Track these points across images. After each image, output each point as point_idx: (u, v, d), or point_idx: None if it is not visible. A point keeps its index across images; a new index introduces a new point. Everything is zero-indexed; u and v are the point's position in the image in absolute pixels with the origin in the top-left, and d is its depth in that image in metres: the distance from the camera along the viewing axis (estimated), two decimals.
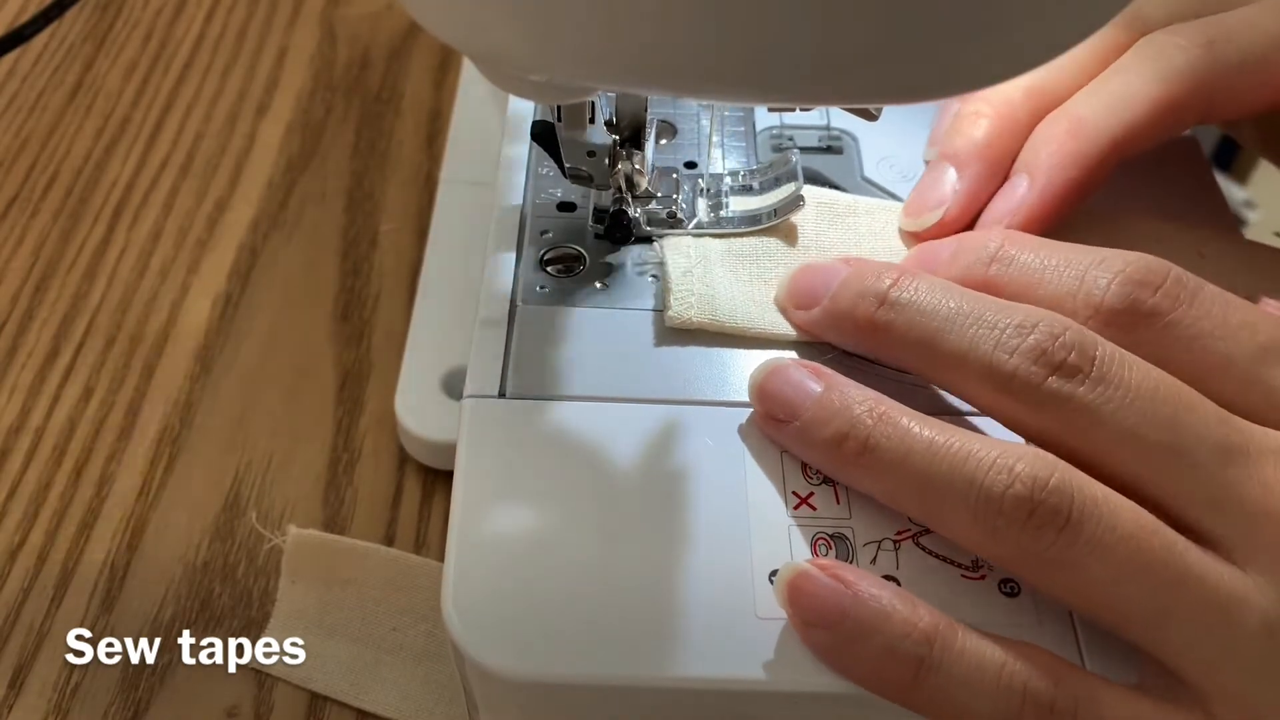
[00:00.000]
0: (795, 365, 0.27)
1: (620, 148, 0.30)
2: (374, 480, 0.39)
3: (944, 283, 0.26)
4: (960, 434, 0.24)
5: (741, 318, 0.30)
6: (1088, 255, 0.26)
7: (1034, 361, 0.24)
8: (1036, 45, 0.21)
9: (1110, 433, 0.24)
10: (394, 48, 0.54)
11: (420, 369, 0.39)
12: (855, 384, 0.26)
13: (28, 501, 0.38)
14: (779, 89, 0.21)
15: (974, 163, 0.30)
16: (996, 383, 0.25)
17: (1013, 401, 0.25)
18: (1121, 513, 0.23)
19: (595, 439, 0.27)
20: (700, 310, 0.29)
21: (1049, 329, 0.24)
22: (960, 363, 0.25)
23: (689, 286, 0.30)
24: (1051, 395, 0.24)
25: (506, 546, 0.25)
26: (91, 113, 0.51)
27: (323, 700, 0.34)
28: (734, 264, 0.31)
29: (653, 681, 0.24)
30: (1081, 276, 0.26)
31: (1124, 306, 0.25)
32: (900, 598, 0.24)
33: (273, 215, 0.47)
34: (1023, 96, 0.31)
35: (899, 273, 0.27)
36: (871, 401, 0.25)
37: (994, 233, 0.28)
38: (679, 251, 0.31)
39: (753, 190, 0.32)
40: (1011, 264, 0.27)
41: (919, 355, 0.26)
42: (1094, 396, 0.24)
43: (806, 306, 0.29)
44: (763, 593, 0.25)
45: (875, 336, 0.27)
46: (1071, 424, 0.24)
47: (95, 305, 0.44)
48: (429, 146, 0.50)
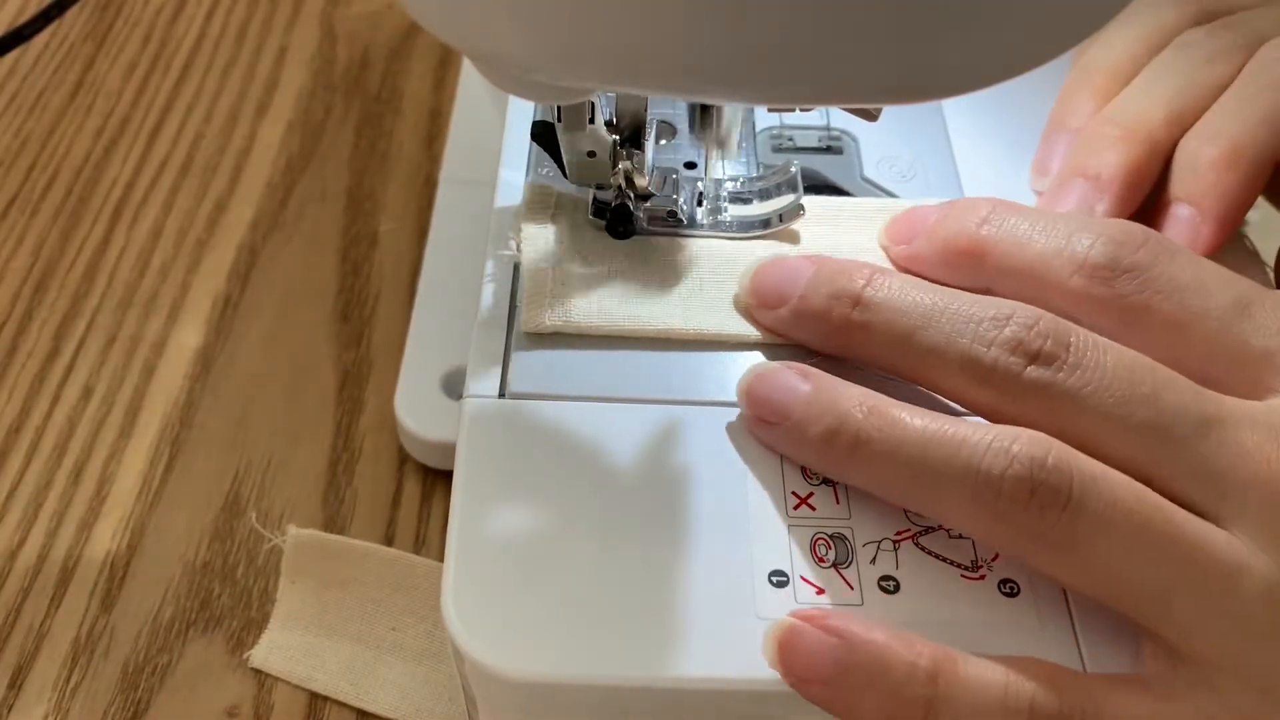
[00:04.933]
0: (783, 367, 0.27)
1: (620, 148, 0.30)
2: (374, 480, 0.39)
3: (915, 280, 0.27)
4: (952, 421, 0.24)
5: (621, 317, 0.29)
6: (1073, 219, 0.27)
7: (1012, 352, 0.24)
8: (1037, 44, 0.21)
9: (1092, 416, 0.24)
10: (394, 48, 0.54)
11: (420, 369, 0.39)
12: (843, 381, 0.26)
13: (28, 501, 0.38)
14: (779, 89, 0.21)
15: (1116, 187, 0.30)
16: (977, 375, 0.25)
17: (994, 393, 0.25)
18: (1120, 488, 0.23)
19: (595, 439, 0.27)
20: (555, 314, 0.29)
21: (1024, 319, 0.25)
22: (939, 358, 0.25)
23: (543, 289, 0.30)
24: (1031, 384, 0.24)
25: (506, 546, 0.25)
26: (91, 113, 0.51)
27: (323, 700, 0.34)
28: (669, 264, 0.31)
29: (653, 681, 0.24)
30: (1068, 236, 0.27)
31: (1106, 262, 0.26)
32: (897, 639, 0.23)
33: (272, 215, 0.47)
34: (1163, 124, 0.31)
35: (871, 271, 0.27)
36: (860, 396, 0.25)
37: (984, 199, 0.29)
38: (536, 249, 0.31)
39: (750, 201, 0.32)
40: (1001, 225, 0.27)
41: (896, 354, 0.26)
42: (1073, 381, 0.24)
43: (773, 306, 0.28)
44: (763, 593, 0.25)
45: (851, 337, 0.27)
46: (1054, 411, 0.24)
47: (95, 305, 0.44)
48: (429, 146, 0.50)
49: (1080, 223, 0.27)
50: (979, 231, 0.28)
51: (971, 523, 0.24)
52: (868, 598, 0.25)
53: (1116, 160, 0.30)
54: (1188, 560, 0.23)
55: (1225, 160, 0.29)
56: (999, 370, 0.24)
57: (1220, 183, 0.29)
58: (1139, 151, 0.30)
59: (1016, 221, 0.27)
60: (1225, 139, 0.30)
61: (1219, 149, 0.30)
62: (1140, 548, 0.23)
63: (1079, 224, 0.27)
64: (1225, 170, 0.29)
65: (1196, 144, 0.30)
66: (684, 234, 0.31)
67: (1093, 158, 0.31)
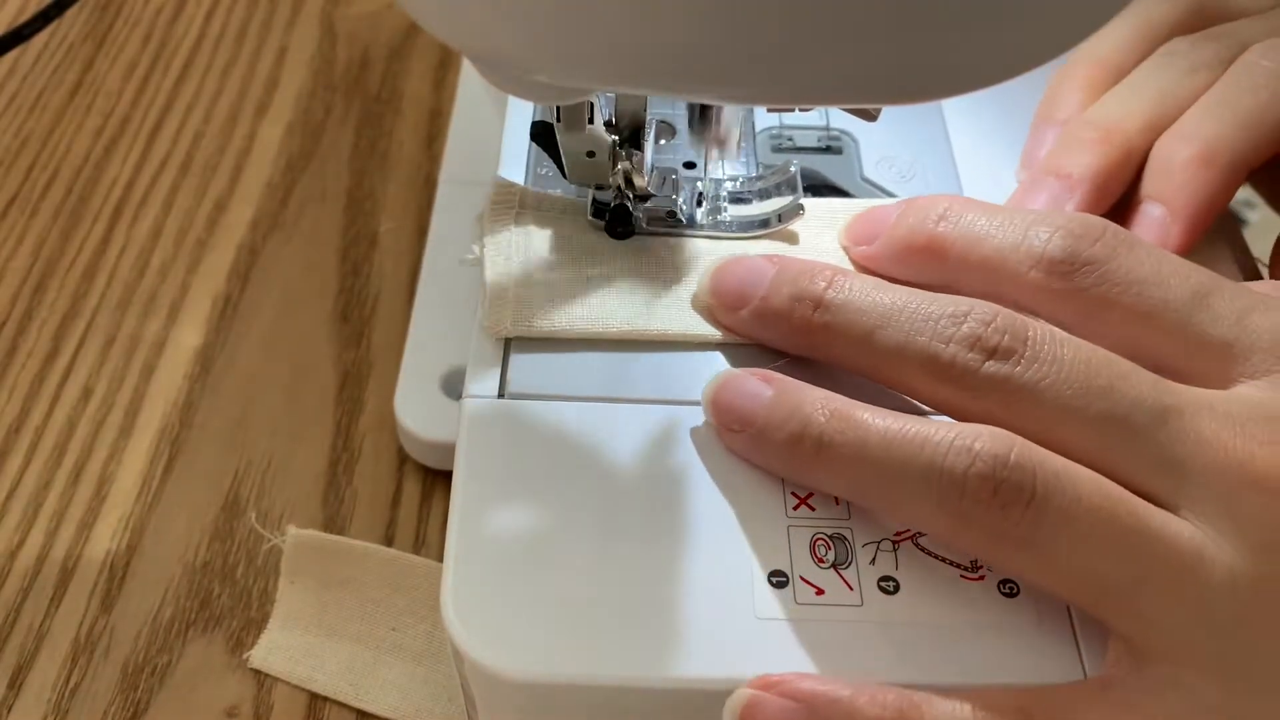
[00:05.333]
0: (745, 374, 0.27)
1: (619, 148, 0.30)
2: (373, 480, 0.39)
3: (875, 280, 0.27)
4: (915, 420, 0.24)
5: (584, 319, 0.29)
6: (1030, 213, 0.27)
7: (970, 348, 0.25)
8: (1037, 44, 0.21)
9: (1051, 409, 0.24)
10: (394, 48, 0.54)
11: (420, 369, 0.39)
12: (806, 385, 0.26)
13: (27, 501, 0.38)
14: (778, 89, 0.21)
15: (1086, 187, 0.30)
16: (936, 373, 0.25)
17: (954, 390, 0.25)
18: (1084, 482, 0.23)
19: (595, 439, 0.27)
20: (517, 318, 0.29)
21: (981, 316, 0.25)
22: (899, 357, 0.25)
23: (505, 292, 0.29)
24: (989, 378, 0.24)
25: (506, 547, 0.25)
26: (91, 112, 0.51)
27: (322, 700, 0.34)
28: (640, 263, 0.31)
29: (652, 682, 0.24)
30: (1024, 231, 0.27)
31: (1063, 256, 0.26)
32: (860, 693, 0.23)
33: (272, 215, 0.47)
34: (1140, 130, 0.31)
35: (832, 273, 0.27)
36: (823, 399, 0.25)
37: (942, 196, 0.29)
38: (499, 252, 0.30)
39: (749, 201, 0.32)
40: (958, 222, 0.28)
41: (858, 353, 0.26)
42: (1030, 374, 0.24)
43: (735, 307, 0.28)
44: (762, 593, 0.25)
45: (813, 338, 0.27)
46: (1013, 406, 0.24)
47: (95, 305, 0.44)
48: (429, 146, 0.50)
49: (1039, 216, 0.27)
50: (936, 229, 0.28)
51: (937, 524, 0.24)
52: (867, 598, 0.25)
53: (1089, 162, 0.31)
54: (1152, 552, 0.23)
55: (1199, 160, 0.29)
56: (957, 366, 0.25)
57: (1192, 182, 0.29)
58: (1113, 155, 0.31)
59: (974, 217, 0.27)
60: (1200, 140, 0.30)
61: (1194, 149, 0.30)
62: (1104, 542, 0.23)
63: (1037, 217, 0.27)
64: (1198, 170, 0.29)
65: (1171, 144, 0.30)
66: (683, 234, 0.31)
67: (1066, 158, 0.31)
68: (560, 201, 0.32)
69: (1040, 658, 0.25)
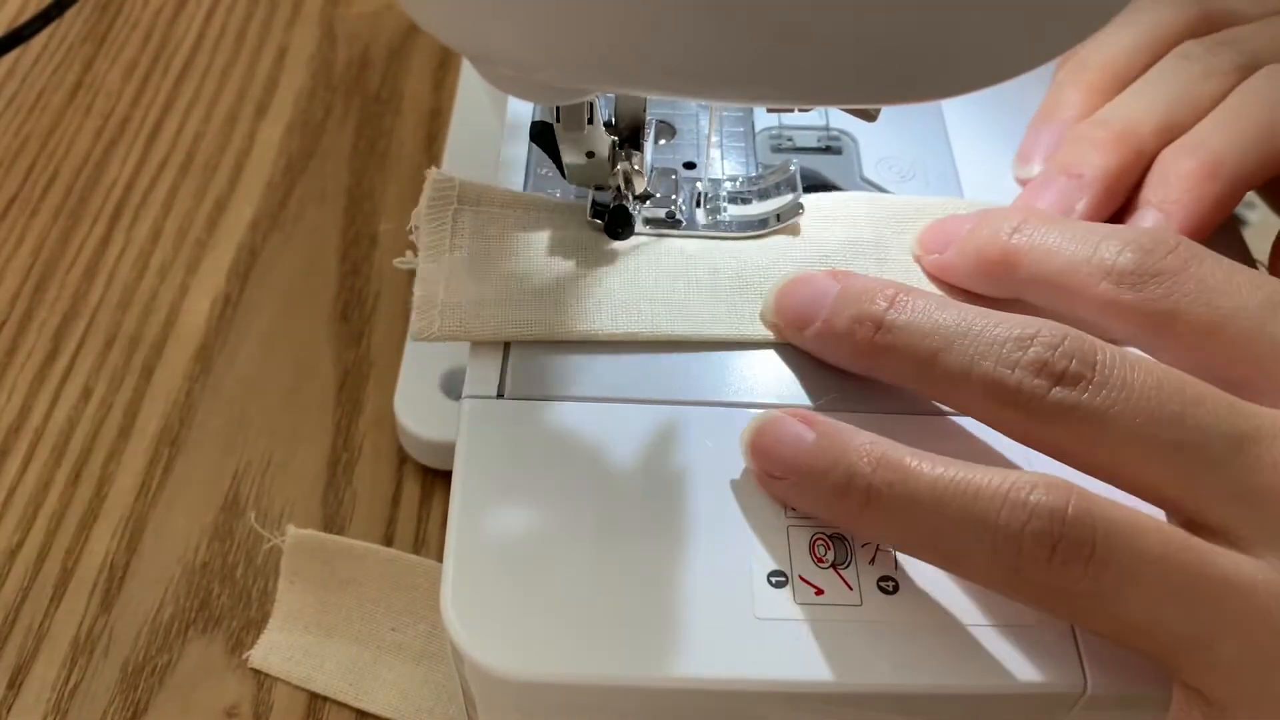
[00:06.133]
0: (786, 417, 0.26)
1: (619, 148, 0.30)
2: (373, 480, 0.39)
3: (940, 298, 0.26)
4: (965, 468, 0.23)
5: (515, 322, 0.28)
6: (1103, 228, 0.27)
7: (1037, 374, 0.24)
8: (1037, 44, 0.20)
9: (1120, 437, 0.23)
10: (394, 48, 0.54)
11: (420, 369, 0.39)
12: (850, 429, 0.25)
13: (27, 501, 0.38)
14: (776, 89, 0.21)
15: (1097, 188, 0.30)
16: (1001, 399, 0.24)
17: (1020, 416, 0.24)
18: (1147, 533, 0.22)
19: (595, 439, 0.27)
20: (445, 324, 0.28)
21: (1048, 339, 0.24)
22: (963, 381, 0.25)
23: (434, 295, 0.29)
24: (1057, 406, 0.23)
25: (505, 547, 0.25)
26: (91, 113, 0.51)
27: (322, 700, 0.34)
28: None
29: (652, 682, 0.24)
30: (1096, 245, 0.26)
31: (1133, 268, 0.26)
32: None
33: (273, 215, 0.47)
34: (1152, 134, 0.31)
35: (895, 292, 0.26)
36: (868, 446, 0.24)
37: (1017, 208, 0.29)
38: (433, 254, 0.30)
39: (749, 201, 0.32)
40: (1032, 235, 0.27)
41: (920, 376, 0.26)
42: (1099, 401, 0.23)
43: (799, 327, 0.28)
44: (762, 593, 0.25)
45: (875, 360, 0.26)
46: (1081, 433, 0.23)
47: (95, 305, 0.44)
48: (429, 146, 0.50)
49: (1111, 231, 0.27)
50: (1010, 241, 0.28)
51: (993, 579, 0.24)
52: (867, 598, 0.25)
53: (1101, 162, 0.30)
54: (1223, 602, 0.22)
55: (1202, 172, 0.29)
56: (1024, 393, 0.24)
57: (1194, 192, 0.29)
58: (1124, 156, 0.30)
59: (1047, 231, 0.27)
60: (1206, 151, 0.30)
61: (1198, 160, 0.30)
62: (1172, 594, 0.22)
63: (1109, 232, 0.27)
64: (1201, 181, 0.29)
65: (1177, 154, 0.30)
66: (682, 235, 0.31)
67: (1079, 157, 0.31)
68: (506, 196, 0.31)
69: (1040, 658, 0.24)
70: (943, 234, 0.30)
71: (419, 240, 0.30)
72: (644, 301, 0.29)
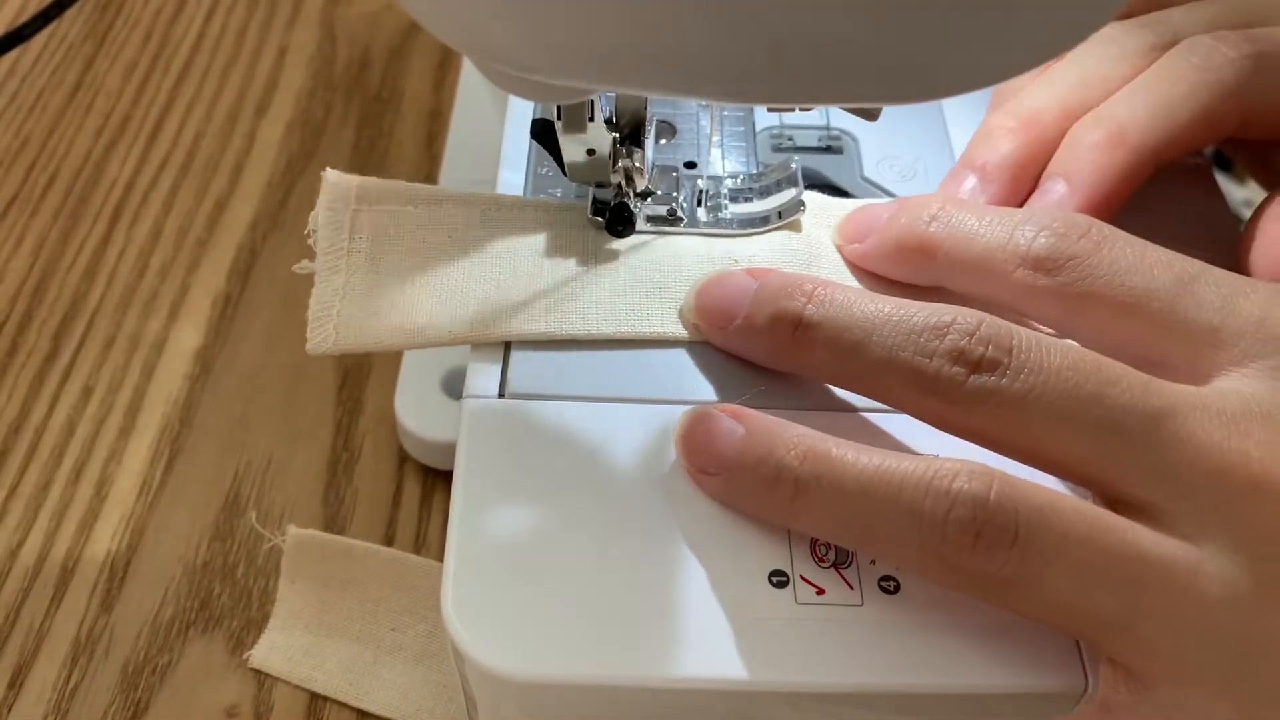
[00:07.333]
0: (716, 412, 0.26)
1: (620, 145, 0.30)
2: (374, 480, 0.39)
3: (857, 291, 0.26)
4: (891, 457, 0.24)
5: (411, 329, 0.28)
6: (1018, 213, 0.27)
7: (954, 362, 0.24)
8: (1037, 44, 0.20)
9: (1041, 420, 0.23)
10: (394, 48, 0.54)
11: (420, 369, 0.39)
12: (779, 422, 0.25)
13: (27, 501, 0.38)
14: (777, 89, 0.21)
15: (1000, 177, 0.30)
16: (921, 388, 0.24)
17: (940, 404, 0.24)
18: (1069, 515, 0.23)
19: (595, 439, 0.27)
20: (341, 336, 0.28)
21: (964, 326, 0.24)
22: (883, 373, 0.25)
23: (328, 309, 0.28)
24: (975, 393, 0.24)
25: (506, 546, 0.25)
26: (91, 112, 0.51)
27: (322, 700, 0.34)
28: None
29: (652, 682, 0.24)
30: (1011, 231, 0.26)
31: (1047, 253, 0.26)
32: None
33: (272, 215, 0.47)
34: (1055, 117, 0.31)
35: (812, 287, 0.26)
36: (795, 439, 0.24)
37: (934, 196, 0.29)
38: (333, 269, 0.29)
39: (750, 199, 0.32)
40: (949, 222, 0.27)
41: (841, 370, 0.26)
42: (1017, 386, 0.23)
43: (720, 326, 0.28)
44: (762, 593, 0.25)
45: (795, 356, 0.27)
46: (1000, 418, 0.24)
47: (95, 305, 0.44)
48: (429, 146, 0.50)
49: (1026, 216, 0.27)
50: (928, 229, 0.28)
51: (925, 570, 0.24)
52: (868, 598, 0.25)
53: (1005, 151, 0.31)
54: (1146, 578, 0.23)
55: (1107, 141, 0.29)
56: (942, 381, 0.24)
57: (1097, 161, 0.29)
58: (1028, 143, 0.31)
59: (964, 218, 0.27)
60: (1112, 121, 0.30)
61: (1104, 130, 0.30)
62: (1095, 574, 0.22)
63: (1024, 217, 0.27)
64: (1105, 150, 0.29)
65: (1085, 125, 0.30)
66: (684, 232, 0.31)
67: (985, 148, 0.31)
68: (408, 192, 0.30)
69: (1041, 657, 0.24)
70: (862, 223, 0.30)
71: (316, 245, 0.29)
72: (569, 301, 0.29)
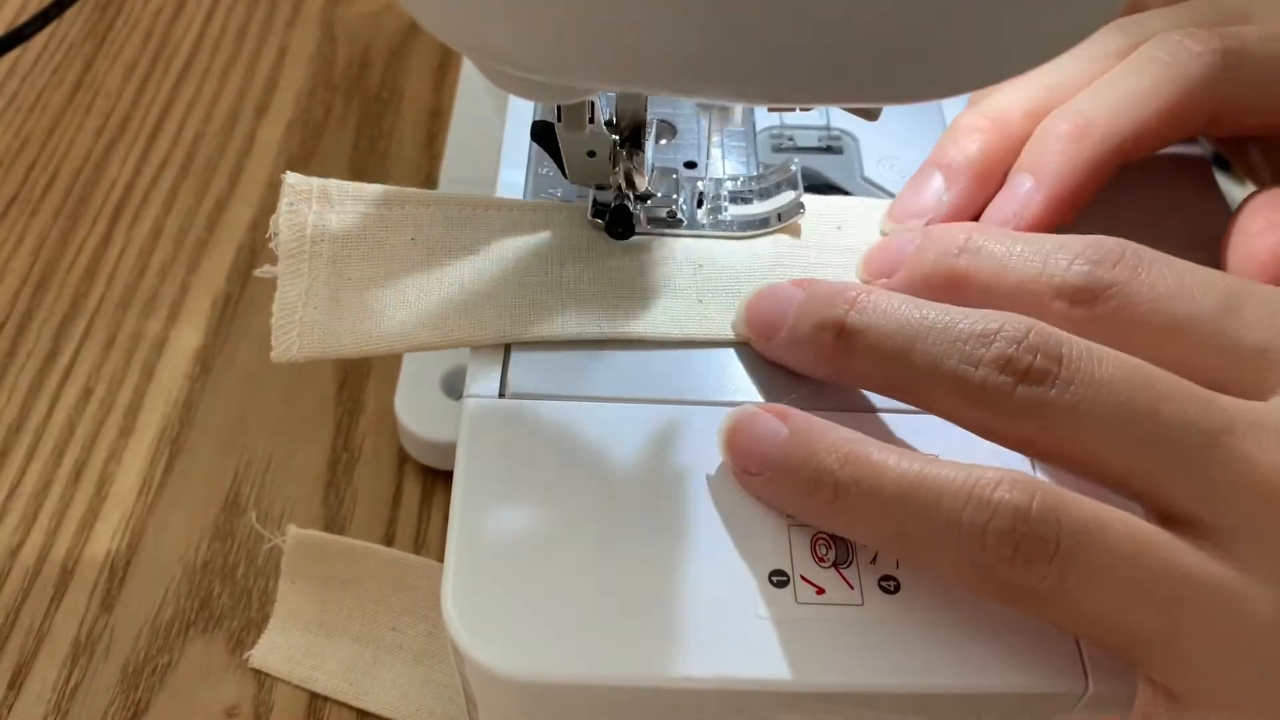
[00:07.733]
0: (762, 412, 0.26)
1: (620, 147, 0.30)
2: (374, 480, 0.39)
3: (900, 297, 0.25)
4: (932, 463, 0.23)
5: (378, 336, 0.27)
6: (1050, 240, 0.26)
7: (1000, 370, 0.23)
8: (1036, 43, 0.21)
9: (1090, 432, 0.23)
10: (394, 48, 0.54)
11: (420, 369, 0.39)
12: (823, 423, 0.25)
13: (28, 501, 0.38)
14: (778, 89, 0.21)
15: (965, 175, 0.30)
16: (967, 397, 0.24)
17: (986, 414, 0.24)
18: (1113, 530, 0.22)
19: (595, 439, 0.27)
20: (305, 344, 0.27)
21: (1012, 333, 0.23)
22: (927, 381, 0.24)
23: (291, 315, 0.28)
24: (1024, 403, 0.23)
25: (506, 547, 0.25)
26: (91, 112, 0.51)
27: (322, 700, 0.34)
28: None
29: (653, 682, 0.24)
30: (1044, 260, 0.26)
31: (1084, 283, 0.25)
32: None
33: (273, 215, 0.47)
34: (1022, 116, 0.30)
35: (855, 294, 0.26)
36: (838, 442, 0.24)
37: (960, 226, 0.28)
38: (295, 274, 0.28)
39: (750, 201, 0.32)
40: (979, 253, 0.27)
41: (885, 379, 0.26)
42: (1068, 397, 0.23)
43: (767, 337, 0.28)
44: (763, 592, 0.25)
45: (840, 364, 0.26)
46: (1050, 430, 0.23)
47: (95, 305, 0.44)
48: (429, 146, 0.50)
49: (1058, 243, 0.26)
50: (958, 262, 0.27)
51: (959, 578, 0.23)
52: (868, 597, 0.25)
53: (971, 150, 0.30)
54: (1188, 598, 0.22)
55: (1072, 134, 0.29)
56: (988, 391, 0.23)
57: (1062, 155, 0.29)
58: (992, 142, 0.30)
59: (994, 248, 0.27)
60: (1078, 115, 0.29)
61: (1069, 124, 0.29)
62: (1138, 594, 0.22)
63: (1055, 244, 0.26)
64: (1070, 144, 0.29)
65: (1050, 120, 0.30)
66: (684, 234, 0.31)
67: (951, 148, 0.31)
68: (372, 193, 0.30)
69: (1041, 658, 0.24)
70: (888, 257, 0.29)
71: (277, 250, 0.29)
72: (535, 305, 0.29)
